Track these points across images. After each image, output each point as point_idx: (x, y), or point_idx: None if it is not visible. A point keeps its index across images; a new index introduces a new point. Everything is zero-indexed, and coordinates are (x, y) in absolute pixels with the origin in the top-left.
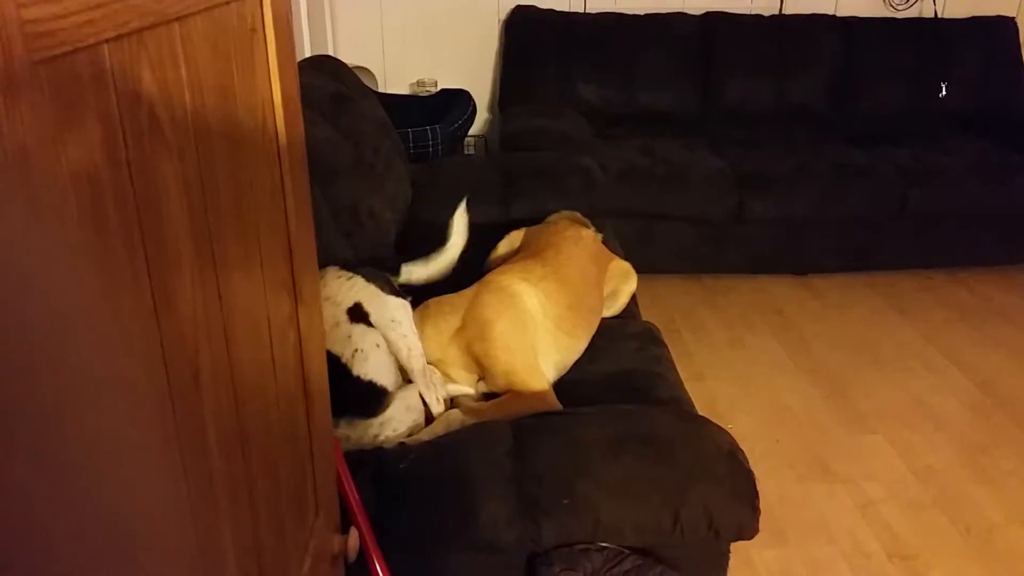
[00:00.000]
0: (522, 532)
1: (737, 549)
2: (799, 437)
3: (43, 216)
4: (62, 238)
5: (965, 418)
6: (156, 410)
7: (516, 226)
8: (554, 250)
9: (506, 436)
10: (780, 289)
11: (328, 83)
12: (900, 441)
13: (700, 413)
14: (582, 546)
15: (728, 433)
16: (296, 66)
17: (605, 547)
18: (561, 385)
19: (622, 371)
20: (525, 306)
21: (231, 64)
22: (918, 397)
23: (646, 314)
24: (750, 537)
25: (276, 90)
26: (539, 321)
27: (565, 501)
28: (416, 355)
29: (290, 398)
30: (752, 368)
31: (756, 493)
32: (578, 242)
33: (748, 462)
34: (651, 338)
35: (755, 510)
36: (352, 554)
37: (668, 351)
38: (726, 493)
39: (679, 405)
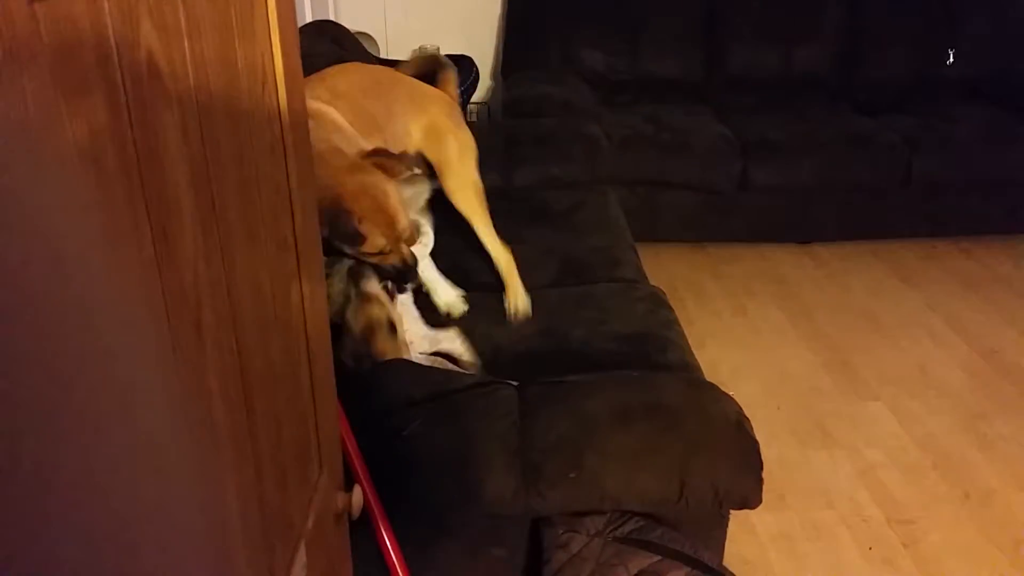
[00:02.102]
0: (527, 503)
1: (736, 513)
2: (800, 403)
3: (44, 160)
4: (62, 182)
5: (966, 385)
6: (158, 360)
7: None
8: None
9: (512, 407)
10: (783, 257)
11: (330, 49)
12: (901, 408)
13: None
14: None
15: (735, 401)
16: (295, 15)
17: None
18: (572, 344)
19: (633, 333)
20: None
21: (230, 15)
22: (920, 364)
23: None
24: (754, 507)
25: (276, 44)
26: None
27: (571, 475)
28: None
29: (293, 355)
30: (754, 336)
31: (761, 464)
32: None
33: (754, 432)
34: (660, 301)
35: (759, 481)
36: (356, 511)
37: (676, 315)
38: (732, 464)
39: (688, 370)
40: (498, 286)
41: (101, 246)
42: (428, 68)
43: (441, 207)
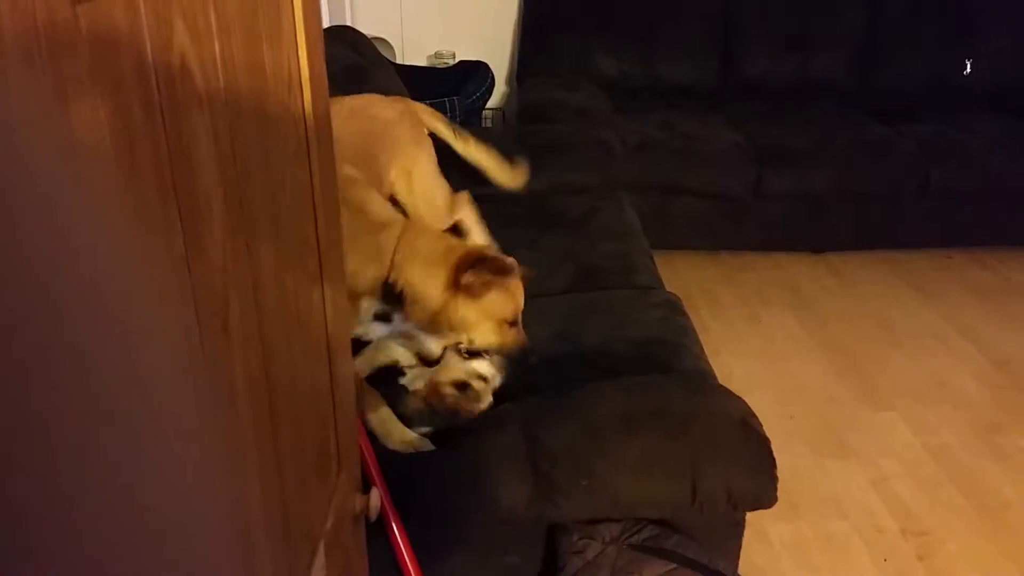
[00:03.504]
0: (541, 512)
1: (751, 522)
2: (814, 413)
3: (81, 158)
4: (97, 180)
5: (981, 396)
6: (187, 358)
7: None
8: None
9: (519, 417)
10: (797, 266)
11: (347, 54)
12: (915, 418)
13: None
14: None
15: (742, 400)
16: (321, 19)
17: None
18: (586, 349)
19: (647, 339)
20: None
21: (258, 18)
22: (935, 375)
23: None
24: (769, 506)
25: (302, 46)
26: None
27: (583, 482)
28: None
29: (314, 355)
30: (768, 344)
31: (773, 461)
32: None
33: (762, 428)
34: (675, 308)
35: (773, 478)
36: (373, 513)
37: (691, 322)
38: (743, 463)
39: (703, 376)
40: None
41: (134, 244)
42: None
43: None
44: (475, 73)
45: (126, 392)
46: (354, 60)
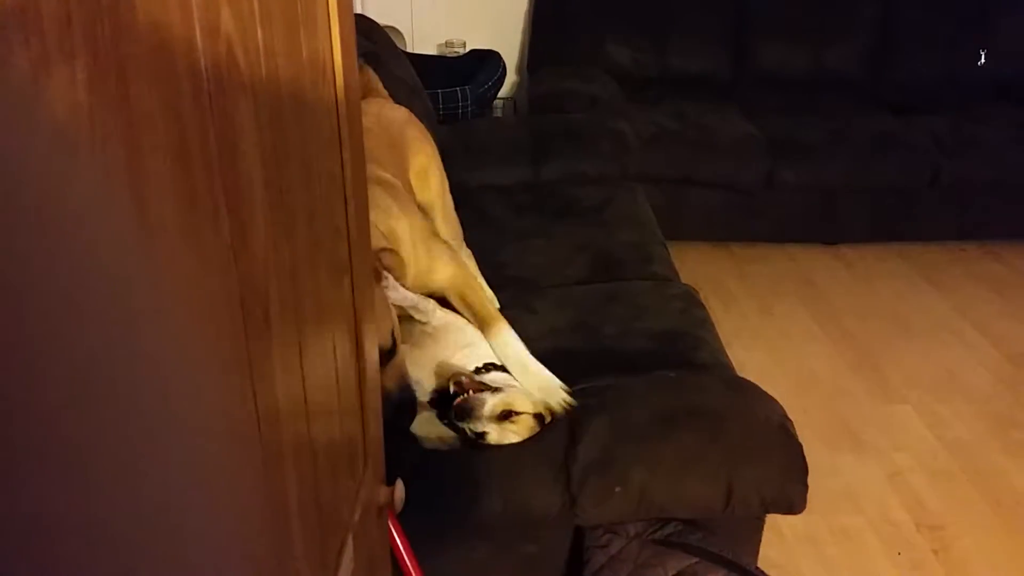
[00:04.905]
0: (572, 516)
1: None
2: (827, 406)
3: (140, 144)
4: (152, 166)
5: (995, 391)
6: (233, 349)
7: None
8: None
9: (564, 420)
10: (810, 258)
11: (361, 42)
12: (929, 412)
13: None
14: None
15: (777, 403)
16: (353, 7)
17: None
18: (604, 340)
19: (667, 331)
20: None
21: (296, 5)
22: (948, 369)
23: None
24: (799, 511)
25: (335, 34)
26: None
27: (617, 489)
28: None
29: (345, 346)
30: (781, 337)
31: (806, 467)
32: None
33: (797, 434)
34: (693, 300)
35: (805, 485)
36: (398, 505)
37: (709, 314)
38: (778, 469)
39: (723, 370)
40: (528, 281)
41: (188, 236)
42: None
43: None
44: (486, 62)
45: (175, 385)
46: (368, 48)
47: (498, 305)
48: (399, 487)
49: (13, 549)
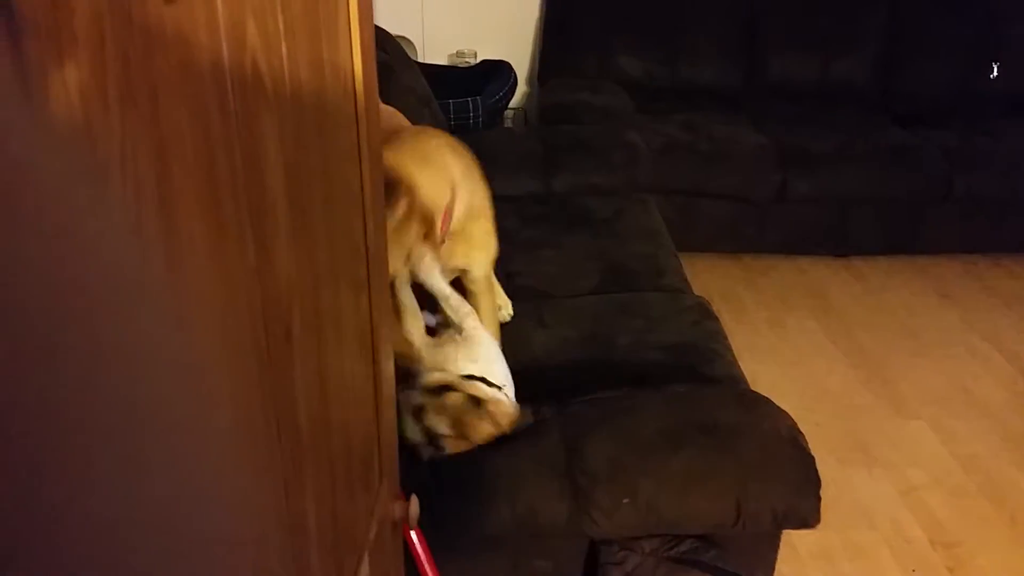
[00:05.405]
0: (582, 528)
1: None
2: (839, 421)
3: (169, 161)
4: (180, 183)
5: (1009, 406)
6: (256, 366)
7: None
8: None
9: (558, 428)
10: (821, 270)
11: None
12: (943, 427)
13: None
14: None
15: (788, 415)
16: (373, 19)
17: None
18: (617, 352)
19: (680, 344)
20: None
21: (319, 18)
22: (961, 383)
23: None
24: (813, 525)
25: (356, 47)
26: None
27: (625, 500)
28: None
29: (361, 363)
30: (791, 350)
31: (819, 481)
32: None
33: (808, 446)
34: (706, 312)
35: (818, 499)
36: (414, 521)
37: (722, 327)
38: (790, 484)
39: (735, 383)
40: (540, 292)
41: (214, 255)
42: None
43: None
44: (497, 73)
45: (194, 404)
46: (381, 59)
47: (511, 312)
48: (414, 502)
49: None
